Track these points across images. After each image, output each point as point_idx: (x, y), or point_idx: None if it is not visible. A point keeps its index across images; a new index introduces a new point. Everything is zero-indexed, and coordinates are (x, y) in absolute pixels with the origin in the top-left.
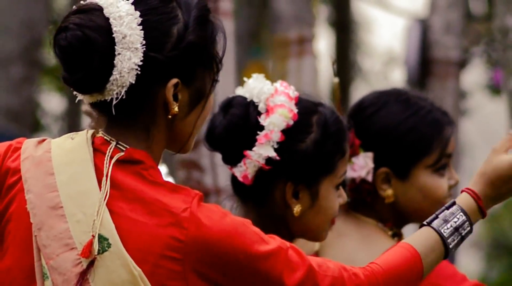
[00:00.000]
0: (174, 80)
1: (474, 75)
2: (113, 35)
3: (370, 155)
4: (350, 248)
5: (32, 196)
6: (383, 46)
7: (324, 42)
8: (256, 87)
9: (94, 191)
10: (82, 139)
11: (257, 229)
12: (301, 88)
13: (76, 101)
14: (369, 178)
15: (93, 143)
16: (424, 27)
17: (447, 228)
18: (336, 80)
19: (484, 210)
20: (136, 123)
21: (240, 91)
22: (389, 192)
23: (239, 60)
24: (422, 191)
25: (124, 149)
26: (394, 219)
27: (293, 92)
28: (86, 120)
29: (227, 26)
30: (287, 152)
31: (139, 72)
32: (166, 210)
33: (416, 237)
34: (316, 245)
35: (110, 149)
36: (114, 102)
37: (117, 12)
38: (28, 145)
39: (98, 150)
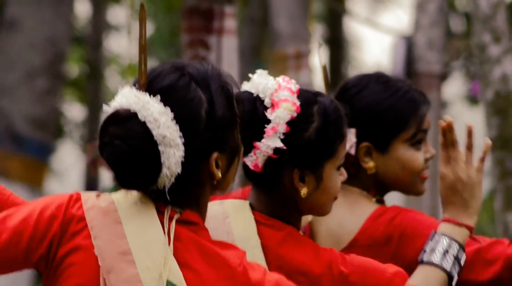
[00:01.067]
0: (214, 155)
1: (454, 87)
2: (154, 138)
3: (353, 131)
4: (339, 214)
5: (100, 242)
6: (372, 61)
7: (318, 57)
8: (261, 82)
9: (161, 242)
10: (143, 196)
11: (291, 283)
12: None
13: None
14: (352, 151)
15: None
16: (409, 44)
17: (436, 255)
18: (323, 64)
19: (463, 223)
20: (186, 193)
21: (246, 87)
22: (371, 164)
23: (242, 73)
24: (400, 163)
25: (178, 210)
26: (377, 188)
27: (294, 86)
28: None
29: (232, 43)
30: (293, 141)
31: (183, 160)
32: (225, 263)
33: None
34: (309, 216)
35: (168, 209)
36: (166, 189)
37: (150, 114)
38: (89, 196)
39: (157, 209)
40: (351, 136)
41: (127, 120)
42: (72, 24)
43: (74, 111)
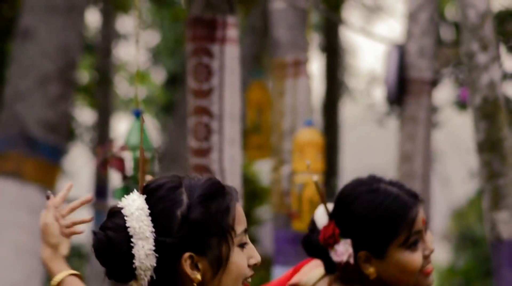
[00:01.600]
0: (186, 254)
1: (444, 93)
2: (127, 230)
3: (348, 241)
4: None
5: None
6: (367, 68)
7: (316, 65)
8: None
9: None
10: None
11: None
12: (296, 103)
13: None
14: (351, 260)
15: None
16: (401, 52)
17: None
18: (316, 178)
19: None
20: None
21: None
22: (371, 270)
23: (244, 80)
24: (398, 267)
25: None
26: None
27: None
28: (113, 131)
29: (234, 51)
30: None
31: (157, 255)
32: None
33: None
34: None
35: None
36: (146, 284)
37: (130, 209)
38: None
39: None
40: (347, 247)
41: (115, 214)
42: (83, 33)
43: (85, 115)
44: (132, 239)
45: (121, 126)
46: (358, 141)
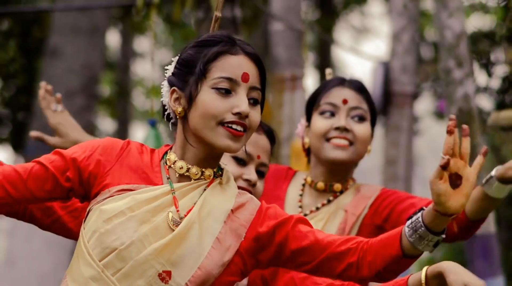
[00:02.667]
0: (172, 88)
1: (424, 104)
2: None
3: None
4: None
5: None
6: None
7: (311, 80)
8: None
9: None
10: None
11: None
12: (293, 114)
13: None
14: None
15: None
16: (386, 68)
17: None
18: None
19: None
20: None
21: None
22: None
23: None
24: (312, 129)
25: None
26: None
27: None
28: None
29: None
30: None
31: (165, 93)
32: None
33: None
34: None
35: None
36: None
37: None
38: None
39: None
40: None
41: None
42: (104, 52)
43: (106, 124)
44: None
45: (138, 134)
46: None
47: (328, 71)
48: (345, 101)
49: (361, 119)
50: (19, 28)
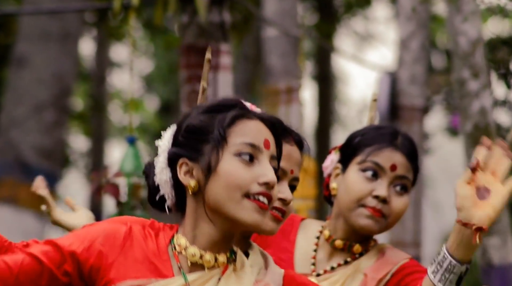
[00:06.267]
0: (181, 160)
1: (435, 119)
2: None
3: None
4: None
5: None
6: (358, 95)
7: (308, 92)
8: None
9: None
10: None
11: None
12: None
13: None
14: None
15: None
16: (393, 79)
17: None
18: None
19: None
20: (182, 207)
21: None
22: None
23: None
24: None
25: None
26: None
27: None
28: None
29: (227, 78)
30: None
31: (167, 168)
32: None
33: None
34: None
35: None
36: (167, 203)
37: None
38: None
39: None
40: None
41: None
42: (77, 60)
43: (79, 142)
44: (155, 158)
45: (115, 153)
46: None
47: (373, 94)
48: (393, 168)
49: (404, 189)
50: None
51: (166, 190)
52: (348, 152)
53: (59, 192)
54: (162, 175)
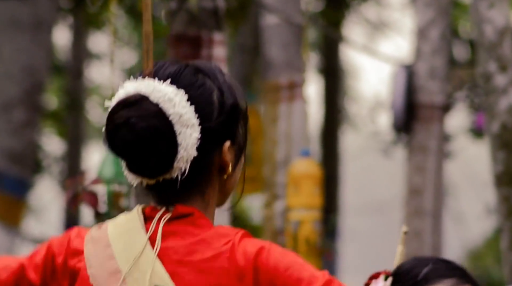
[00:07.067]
0: (228, 143)
1: (458, 119)
2: (169, 118)
3: None
4: None
5: (93, 269)
6: (370, 91)
7: (313, 88)
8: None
9: (147, 251)
10: (133, 212)
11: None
12: (291, 131)
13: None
14: None
15: (144, 213)
16: (409, 73)
17: None
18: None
19: None
20: (192, 188)
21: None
22: None
23: None
24: None
25: (171, 209)
26: None
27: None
28: (85, 162)
29: None
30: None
31: (197, 144)
32: (210, 247)
33: None
34: None
35: (159, 212)
36: (180, 177)
37: (164, 95)
38: (91, 230)
39: (149, 217)
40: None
41: (140, 101)
42: (51, 52)
43: (53, 144)
44: (175, 127)
45: (94, 157)
46: (361, 174)
47: (404, 229)
48: None
49: None
50: None
51: (184, 163)
52: None
53: (30, 202)
54: (191, 150)
